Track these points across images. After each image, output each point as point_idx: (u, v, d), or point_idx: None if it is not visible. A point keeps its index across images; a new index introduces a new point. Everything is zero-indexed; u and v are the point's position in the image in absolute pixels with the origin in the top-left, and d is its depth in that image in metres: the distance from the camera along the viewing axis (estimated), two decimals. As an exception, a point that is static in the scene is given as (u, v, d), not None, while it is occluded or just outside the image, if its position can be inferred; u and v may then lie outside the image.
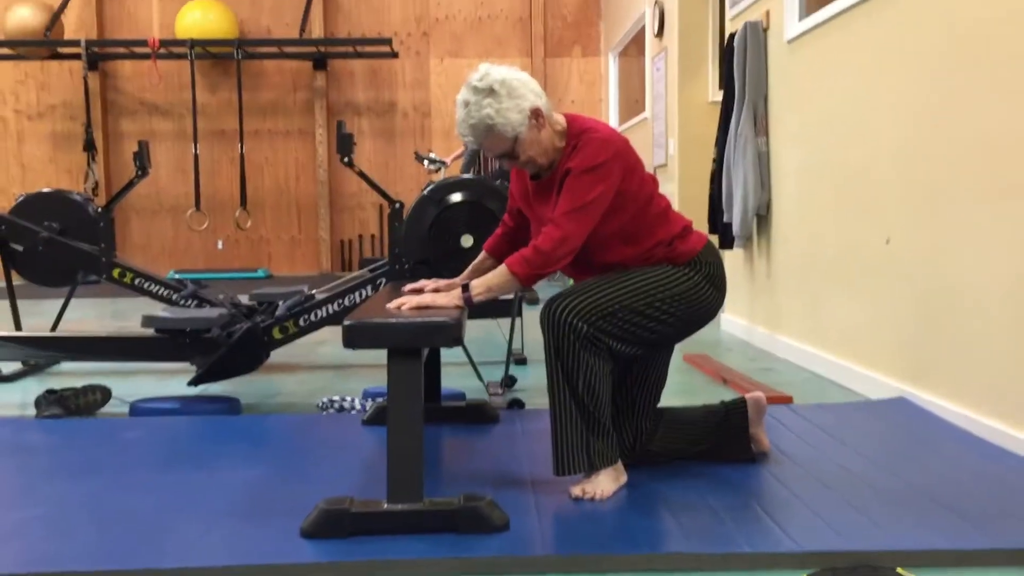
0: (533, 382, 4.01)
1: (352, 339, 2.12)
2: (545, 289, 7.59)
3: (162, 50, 9.34)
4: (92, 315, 6.98)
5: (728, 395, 3.36)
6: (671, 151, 7.14)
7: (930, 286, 3.22)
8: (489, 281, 2.39)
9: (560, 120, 2.47)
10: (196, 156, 8.93)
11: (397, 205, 3.92)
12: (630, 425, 2.56)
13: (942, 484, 2.40)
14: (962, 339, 3.02)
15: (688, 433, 2.61)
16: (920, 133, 3.28)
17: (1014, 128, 2.71)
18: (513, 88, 2.37)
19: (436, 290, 2.50)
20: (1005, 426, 2.76)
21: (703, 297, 2.45)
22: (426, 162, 7.91)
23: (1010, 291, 2.75)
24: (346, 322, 2.13)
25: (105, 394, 3.58)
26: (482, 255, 2.75)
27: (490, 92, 2.36)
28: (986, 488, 2.37)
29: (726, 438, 2.62)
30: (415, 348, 2.13)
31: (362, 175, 4.08)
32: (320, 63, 10.13)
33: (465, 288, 2.39)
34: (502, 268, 2.38)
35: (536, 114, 2.38)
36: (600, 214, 2.36)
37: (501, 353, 4.55)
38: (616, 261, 2.45)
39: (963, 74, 3.00)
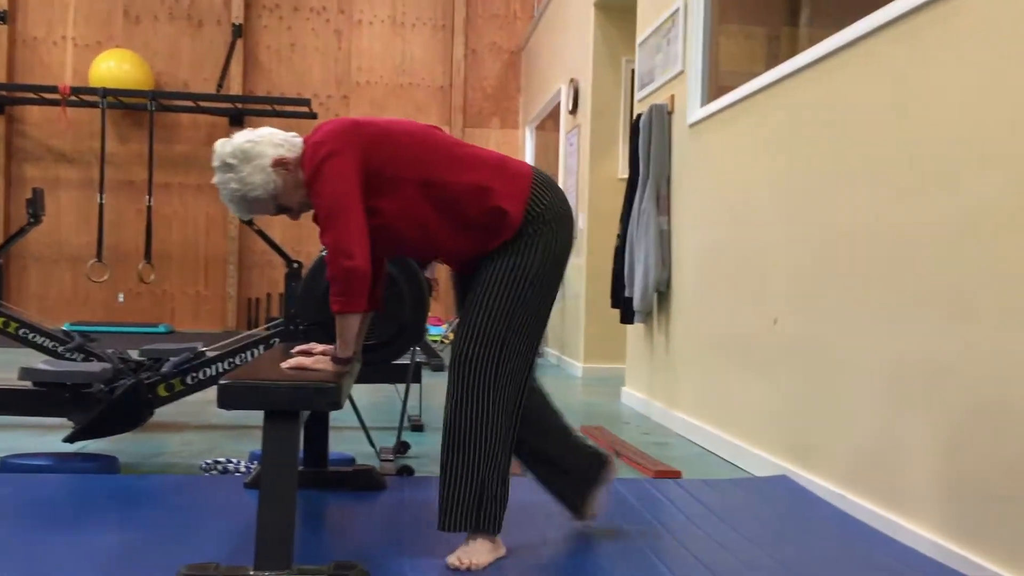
0: (428, 449, 3.98)
1: (227, 399, 2.09)
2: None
3: (73, 97, 9.17)
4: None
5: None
6: (581, 225, 7.28)
7: (812, 367, 3.32)
8: (337, 331, 2.38)
9: None
10: (101, 206, 8.73)
11: (295, 265, 3.90)
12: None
13: (809, 562, 2.45)
14: (838, 419, 3.11)
15: (562, 447, 2.63)
16: (803, 219, 3.43)
17: (881, 215, 2.85)
18: (247, 152, 2.37)
19: (324, 353, 2.48)
20: (873, 505, 2.85)
21: (556, 253, 2.39)
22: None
23: (881, 373, 2.86)
24: (222, 382, 2.09)
25: (-26, 448, 3.42)
26: None
27: (227, 167, 2.38)
28: (849, 566, 2.43)
29: (578, 476, 2.64)
30: (292, 411, 2.10)
31: (260, 233, 4.05)
32: (237, 119, 10.08)
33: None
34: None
35: (281, 163, 2.38)
36: (354, 201, 2.28)
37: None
38: (461, 242, 2.38)
39: (838, 164, 3.15)
